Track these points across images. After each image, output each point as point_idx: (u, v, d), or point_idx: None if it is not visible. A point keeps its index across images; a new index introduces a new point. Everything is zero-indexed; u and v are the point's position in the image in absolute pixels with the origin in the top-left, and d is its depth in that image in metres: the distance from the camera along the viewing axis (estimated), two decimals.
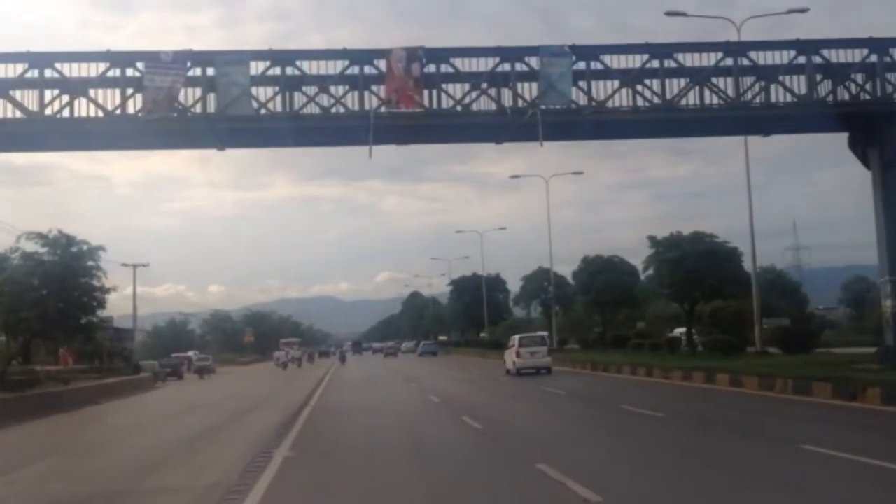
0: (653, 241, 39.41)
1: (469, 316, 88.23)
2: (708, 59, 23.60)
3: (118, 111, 22.36)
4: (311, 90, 23.00)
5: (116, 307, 53.42)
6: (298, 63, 23.18)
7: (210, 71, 22.73)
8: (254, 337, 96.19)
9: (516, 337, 36.99)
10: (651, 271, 40.65)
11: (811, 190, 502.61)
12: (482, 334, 79.81)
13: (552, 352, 39.55)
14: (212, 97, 22.63)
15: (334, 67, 23.17)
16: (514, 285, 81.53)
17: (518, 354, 34.61)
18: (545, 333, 45.82)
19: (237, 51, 23.53)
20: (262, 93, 22.95)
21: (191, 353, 62.53)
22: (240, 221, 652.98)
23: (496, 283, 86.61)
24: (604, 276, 52.21)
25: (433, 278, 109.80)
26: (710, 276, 36.10)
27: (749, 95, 23.53)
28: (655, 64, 23.21)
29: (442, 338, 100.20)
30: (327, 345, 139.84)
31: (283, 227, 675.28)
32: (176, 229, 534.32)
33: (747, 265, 35.79)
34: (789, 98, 23.49)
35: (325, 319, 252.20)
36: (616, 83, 23.29)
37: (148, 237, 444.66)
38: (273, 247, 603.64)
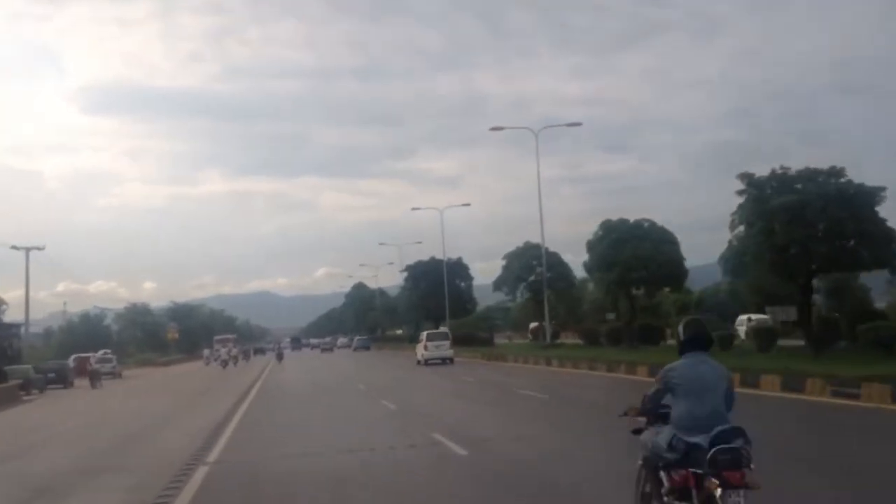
0: (749, 179, 27.67)
1: (426, 307, 74.05)
2: None
3: None
4: None
5: (45, 306, 48.03)
6: None
7: None
8: (177, 333, 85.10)
9: (424, 333, 44.43)
10: (741, 229, 28.01)
11: None
12: (441, 327, 68.18)
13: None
14: None
15: None
16: (475, 272, 76.14)
17: (426, 347, 40.85)
18: (446, 329, 49.16)
19: None
20: None
21: (100, 353, 51.48)
22: (173, 217, 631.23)
23: (458, 268, 74.00)
24: (631, 244, 38.11)
25: (381, 266, 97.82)
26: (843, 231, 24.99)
27: None
28: None
29: (398, 331, 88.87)
30: (266, 341, 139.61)
31: (217, 223, 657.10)
32: (107, 225, 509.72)
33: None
34: None
35: (263, 315, 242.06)
36: None
37: (80, 233, 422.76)
38: (208, 242, 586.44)
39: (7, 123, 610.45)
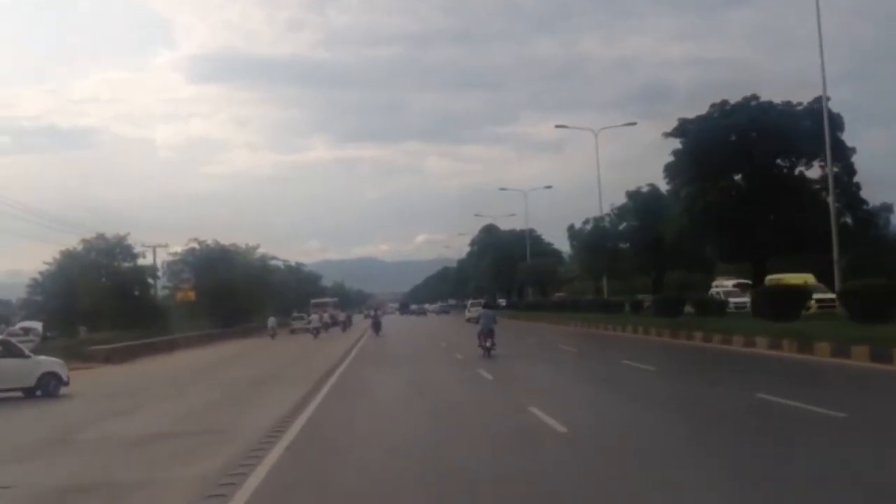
0: None
1: (499, 277, 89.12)
2: None
3: None
4: None
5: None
6: None
7: None
8: (192, 290, 58.78)
9: (469, 301, 71.32)
10: None
11: None
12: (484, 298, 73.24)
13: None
14: None
15: None
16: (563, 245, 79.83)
17: (468, 310, 61.65)
18: (482, 300, 57.43)
19: None
20: None
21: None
22: (279, 184, 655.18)
23: (534, 242, 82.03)
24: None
25: (476, 235, 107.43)
26: None
27: None
28: None
29: (501, 301, 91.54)
30: (367, 306, 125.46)
31: (322, 189, 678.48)
32: (215, 191, 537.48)
33: None
34: None
35: (367, 281, 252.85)
36: None
37: (189, 199, 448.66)
38: (313, 209, 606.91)
39: (119, 92, 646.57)
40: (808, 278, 36.50)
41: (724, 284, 44.47)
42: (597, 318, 43.46)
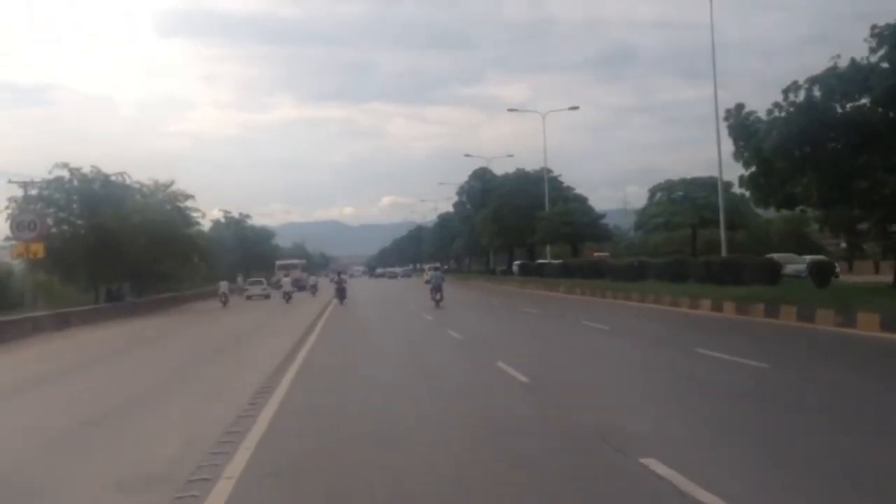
0: None
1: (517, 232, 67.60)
2: None
3: None
4: None
5: None
6: None
7: None
8: (42, 246, 33.38)
9: (426, 266, 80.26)
10: None
11: None
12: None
13: None
14: None
15: None
16: None
17: (426, 273, 66.26)
18: (438, 263, 64.02)
19: None
20: None
21: None
22: (242, 144, 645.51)
23: (556, 185, 65.78)
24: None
25: (439, 201, 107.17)
26: None
27: None
28: None
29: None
30: (331, 269, 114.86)
31: (288, 150, 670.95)
32: (180, 151, 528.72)
33: None
34: None
35: (331, 244, 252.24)
36: None
37: (153, 160, 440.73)
38: (277, 170, 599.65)
39: (82, 48, 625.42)
40: None
41: None
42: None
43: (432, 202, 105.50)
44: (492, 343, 18.14)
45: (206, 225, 61.64)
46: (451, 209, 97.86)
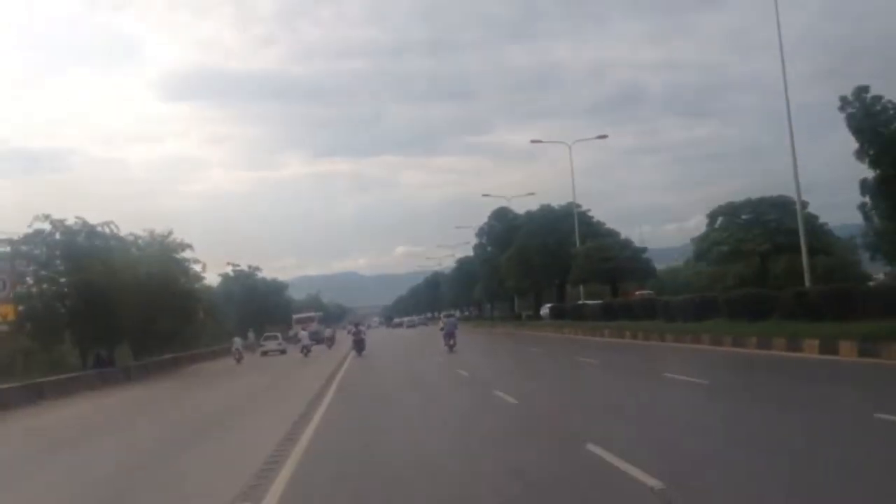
0: None
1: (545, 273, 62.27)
2: None
3: None
4: None
5: None
6: None
7: None
8: (12, 304, 34.61)
9: (443, 314, 67.56)
10: None
11: None
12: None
13: None
14: None
15: None
16: None
17: (441, 321, 51.48)
18: (454, 312, 65.46)
19: None
20: None
21: None
22: (255, 201, 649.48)
23: (585, 221, 60.90)
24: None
25: (456, 247, 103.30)
26: None
27: None
28: None
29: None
30: (349, 321, 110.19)
31: (299, 205, 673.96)
32: (192, 210, 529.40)
33: None
34: None
35: (347, 295, 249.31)
36: None
37: (165, 219, 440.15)
38: (289, 225, 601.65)
39: (89, 112, 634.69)
40: None
41: None
42: None
43: (449, 248, 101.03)
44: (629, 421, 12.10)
45: (212, 278, 58.63)
46: (466, 254, 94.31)
